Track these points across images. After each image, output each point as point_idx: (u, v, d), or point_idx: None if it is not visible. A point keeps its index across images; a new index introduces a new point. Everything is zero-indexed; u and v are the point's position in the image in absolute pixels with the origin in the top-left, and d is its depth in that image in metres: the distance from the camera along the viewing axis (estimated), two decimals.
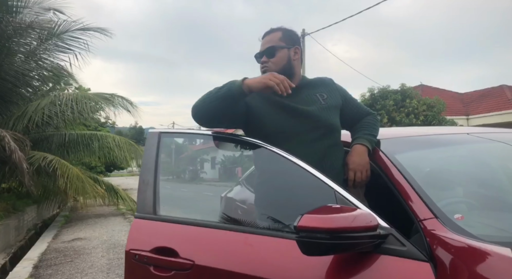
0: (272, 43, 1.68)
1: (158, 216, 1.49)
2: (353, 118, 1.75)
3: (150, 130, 1.70)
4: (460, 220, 1.23)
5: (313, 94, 1.68)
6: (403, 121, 11.35)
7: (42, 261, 5.17)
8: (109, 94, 9.33)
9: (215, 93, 1.50)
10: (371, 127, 1.68)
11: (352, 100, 1.79)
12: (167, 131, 1.72)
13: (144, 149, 1.66)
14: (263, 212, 1.49)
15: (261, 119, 1.60)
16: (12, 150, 6.06)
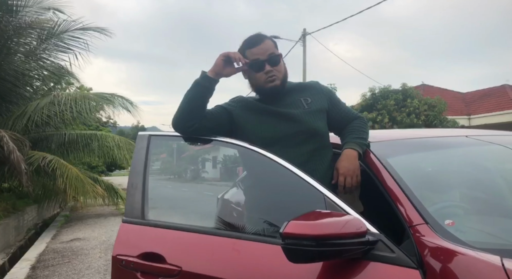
0: (271, 50, 1.62)
1: (146, 220, 1.46)
2: (341, 122, 1.71)
3: (140, 133, 1.68)
4: (450, 226, 1.20)
5: (297, 99, 1.66)
6: (404, 121, 11.31)
7: (39, 261, 5.16)
8: (109, 94, 9.33)
9: (187, 92, 1.54)
10: (360, 131, 1.65)
11: (339, 103, 1.75)
12: (157, 133, 1.69)
13: (133, 152, 1.64)
14: (252, 216, 1.47)
15: (245, 126, 1.60)
16: (10, 150, 6.06)
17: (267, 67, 1.60)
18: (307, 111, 1.62)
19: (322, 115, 1.66)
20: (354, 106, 12.96)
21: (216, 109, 1.63)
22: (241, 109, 1.64)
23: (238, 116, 1.62)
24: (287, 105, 1.63)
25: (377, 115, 11.59)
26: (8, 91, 8.00)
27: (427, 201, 1.34)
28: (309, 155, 1.57)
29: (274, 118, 1.60)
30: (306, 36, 13.79)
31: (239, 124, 1.62)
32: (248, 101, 1.67)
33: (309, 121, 1.60)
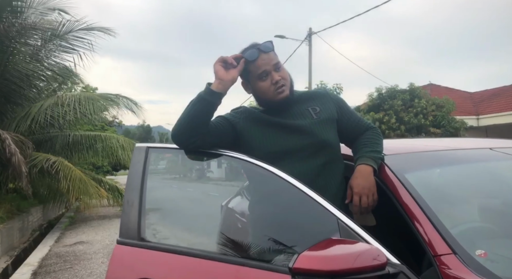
0: (276, 60, 1.52)
1: (143, 242, 1.34)
2: (352, 132, 1.58)
3: (137, 144, 1.56)
4: (483, 257, 1.07)
5: (304, 109, 1.54)
6: (412, 121, 11.11)
7: (41, 267, 5.09)
8: (114, 94, 9.28)
9: (187, 109, 1.43)
10: (374, 143, 1.51)
11: (350, 112, 1.62)
12: (155, 146, 1.57)
13: (130, 165, 1.52)
14: (257, 239, 1.35)
15: (250, 140, 1.49)
16: (12, 153, 6.00)
17: (276, 77, 1.48)
18: (316, 121, 1.50)
19: (332, 125, 1.54)
20: (360, 106, 12.78)
21: (219, 122, 1.51)
22: (246, 121, 1.52)
23: (243, 130, 1.51)
24: (295, 116, 1.51)
25: (384, 116, 11.39)
26: (13, 92, 7.95)
27: (451, 224, 1.22)
28: (320, 169, 1.45)
29: (281, 130, 1.48)
30: (312, 36, 13.63)
31: (244, 137, 1.50)
32: (252, 112, 1.55)
33: (319, 132, 1.48)
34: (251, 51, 1.49)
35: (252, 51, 1.48)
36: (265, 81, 1.49)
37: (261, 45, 1.50)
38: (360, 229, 1.13)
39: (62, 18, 8.56)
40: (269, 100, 1.52)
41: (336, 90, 12.90)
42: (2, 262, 5.87)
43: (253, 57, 1.48)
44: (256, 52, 1.48)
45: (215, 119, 1.52)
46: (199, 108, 1.41)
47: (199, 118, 1.41)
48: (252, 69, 1.50)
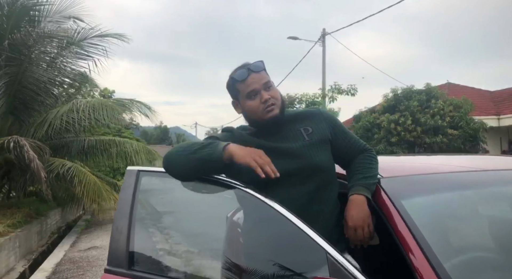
0: (266, 79, 1.49)
1: (131, 271, 1.32)
2: (346, 153, 1.53)
3: (128, 168, 1.55)
4: None
5: (296, 129, 1.50)
6: (428, 122, 10.82)
7: (55, 273, 5.19)
8: (128, 99, 9.45)
9: (194, 150, 1.37)
10: (367, 168, 1.46)
11: (344, 133, 1.57)
12: (147, 169, 1.55)
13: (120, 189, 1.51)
14: (249, 269, 1.32)
15: (240, 167, 1.44)
16: (31, 159, 6.15)
17: (265, 95, 1.46)
18: (308, 143, 1.46)
19: (325, 146, 1.49)
20: (375, 107, 12.56)
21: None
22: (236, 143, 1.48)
23: None
24: (285, 138, 1.48)
25: (399, 117, 11.15)
26: (31, 99, 8.17)
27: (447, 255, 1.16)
28: (312, 195, 1.41)
29: (271, 155, 1.43)
30: (325, 36, 13.49)
31: (233, 165, 1.46)
32: (241, 135, 1.52)
33: (310, 155, 1.44)
34: (240, 71, 1.48)
35: (242, 71, 1.47)
36: (254, 100, 1.47)
37: (251, 64, 1.49)
38: (349, 264, 1.09)
39: (77, 26, 8.78)
40: (259, 119, 1.49)
41: (351, 90, 12.73)
42: (20, 266, 6.02)
43: (242, 77, 1.47)
44: (245, 72, 1.47)
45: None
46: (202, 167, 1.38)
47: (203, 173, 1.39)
48: (241, 88, 1.48)
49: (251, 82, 1.46)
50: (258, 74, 1.47)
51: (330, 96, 12.81)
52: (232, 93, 1.54)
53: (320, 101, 12.79)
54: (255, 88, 1.46)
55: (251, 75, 1.46)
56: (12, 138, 6.43)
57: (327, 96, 12.89)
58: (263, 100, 1.46)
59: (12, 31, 7.38)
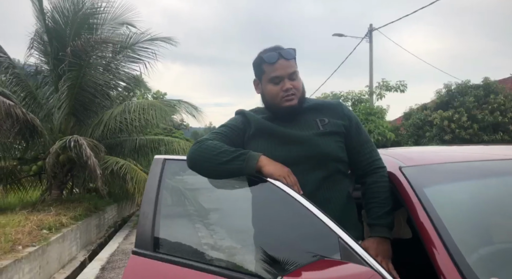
0: (293, 68, 1.50)
1: (156, 254, 1.40)
2: (356, 155, 1.50)
3: (156, 156, 1.64)
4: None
5: (312, 119, 1.50)
6: (486, 119, 10.10)
7: (109, 262, 5.57)
8: (176, 100, 9.87)
9: (224, 161, 1.37)
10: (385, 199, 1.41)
11: (359, 133, 1.52)
12: (172, 158, 1.64)
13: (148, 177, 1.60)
14: (261, 255, 1.34)
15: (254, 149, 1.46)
16: (88, 157, 6.64)
17: (287, 84, 1.47)
18: (321, 132, 1.46)
19: (338, 138, 1.48)
20: (427, 104, 11.94)
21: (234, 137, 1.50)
22: (253, 130, 1.51)
23: (249, 139, 1.51)
24: (300, 126, 1.48)
25: (453, 114, 10.51)
26: (89, 101, 8.80)
27: (470, 246, 1.11)
28: (320, 183, 1.41)
29: (283, 140, 1.45)
30: (372, 32, 13.07)
31: (249, 146, 1.49)
32: (255, 119, 1.53)
33: (321, 144, 1.44)
34: (271, 54, 1.48)
35: (272, 54, 1.48)
36: (276, 86, 1.48)
37: (283, 50, 1.50)
38: (361, 249, 1.09)
39: (129, 31, 9.32)
40: (276, 105, 1.51)
41: (400, 87, 12.21)
42: (81, 255, 6.53)
43: (272, 60, 1.47)
44: (276, 55, 1.48)
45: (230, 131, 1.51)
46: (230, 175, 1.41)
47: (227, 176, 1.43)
48: (267, 70, 1.50)
49: (278, 68, 1.47)
50: (287, 62, 1.48)
51: (378, 93, 12.38)
52: (257, 72, 1.55)
53: (367, 99, 12.41)
54: (280, 74, 1.47)
55: (280, 61, 1.47)
56: (73, 137, 7.00)
57: (375, 93, 12.47)
58: (285, 88, 1.47)
59: (73, 39, 8.01)
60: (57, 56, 8.23)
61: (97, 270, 5.19)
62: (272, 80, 1.49)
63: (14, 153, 8.87)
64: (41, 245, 4.88)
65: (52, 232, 5.63)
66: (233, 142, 1.48)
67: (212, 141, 1.44)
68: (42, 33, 8.75)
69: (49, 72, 9.11)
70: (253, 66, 1.58)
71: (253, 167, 1.35)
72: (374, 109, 11.79)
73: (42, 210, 6.66)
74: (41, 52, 9.01)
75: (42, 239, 5.10)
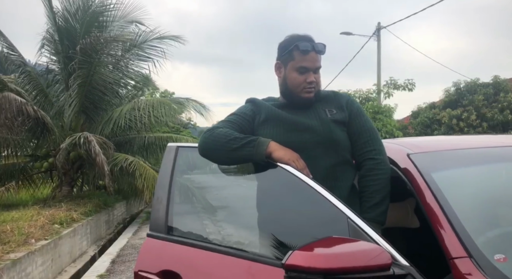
0: (320, 62, 1.54)
1: (169, 236, 1.46)
2: (355, 142, 1.52)
3: (169, 144, 1.69)
4: (501, 262, 0.99)
5: (321, 109, 1.54)
6: (496, 117, 10.02)
7: (119, 256, 5.65)
8: (184, 98, 9.93)
9: (234, 148, 1.40)
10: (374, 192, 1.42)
11: (361, 122, 1.54)
12: (185, 145, 1.68)
13: (161, 164, 1.65)
14: (266, 237, 1.38)
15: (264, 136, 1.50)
16: (96, 153, 6.72)
17: (312, 77, 1.51)
18: (329, 120, 1.50)
19: (344, 127, 1.53)
20: (436, 102, 11.87)
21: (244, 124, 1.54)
22: (263, 117, 1.55)
23: (259, 125, 1.55)
24: (310, 115, 1.52)
25: (462, 112, 10.44)
26: (99, 99, 8.89)
27: (478, 227, 1.13)
28: (329, 170, 1.45)
29: (293, 127, 1.49)
30: (380, 30, 13.01)
31: (258, 132, 1.53)
32: (266, 106, 1.57)
33: (329, 131, 1.48)
34: (306, 44, 1.50)
35: (307, 44, 1.50)
36: (301, 76, 1.51)
37: (316, 44, 1.53)
38: (369, 229, 1.12)
39: (138, 29, 9.40)
40: (294, 94, 1.54)
41: (408, 86, 12.15)
42: (91, 250, 6.63)
43: (305, 49, 1.50)
44: (310, 46, 1.50)
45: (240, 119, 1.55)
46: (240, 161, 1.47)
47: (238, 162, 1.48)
48: (297, 58, 1.51)
49: (309, 59, 1.50)
50: (317, 55, 1.52)
51: (386, 91, 12.33)
52: (284, 56, 1.55)
53: (375, 97, 12.37)
54: (309, 66, 1.50)
55: (312, 53, 1.50)
56: (83, 134, 7.09)
57: (382, 91, 12.42)
58: (309, 80, 1.50)
59: (83, 37, 8.10)
60: (68, 55, 8.33)
61: (108, 263, 5.28)
62: (300, 69, 1.51)
63: (26, 150, 9.00)
64: (53, 239, 4.97)
65: (63, 226, 5.73)
66: (243, 130, 1.51)
67: (223, 129, 1.48)
68: (53, 32, 8.87)
69: (60, 71, 9.22)
70: (281, 49, 1.57)
71: (263, 153, 1.38)
72: (381, 108, 11.75)
73: (53, 205, 6.77)
74: (52, 51, 9.13)
75: (54, 233, 5.20)
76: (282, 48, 1.57)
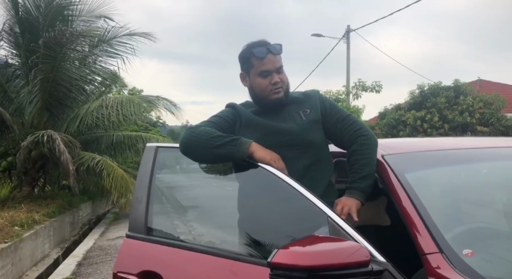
0: (280, 63, 1.57)
1: (149, 236, 1.44)
2: (339, 133, 1.56)
3: (148, 144, 1.67)
4: (469, 256, 1.06)
5: (294, 112, 1.57)
6: (456, 119, 10.56)
7: (86, 258, 5.47)
8: (154, 96, 9.72)
9: (216, 146, 1.42)
10: (363, 165, 1.47)
11: (336, 113, 1.59)
12: (165, 145, 1.67)
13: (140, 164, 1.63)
14: (248, 236, 1.40)
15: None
16: (61, 152, 6.47)
17: (276, 78, 1.53)
18: (304, 122, 1.54)
19: (318, 126, 1.56)
20: (401, 104, 12.34)
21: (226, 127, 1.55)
22: (242, 121, 1.58)
23: (238, 130, 1.57)
24: (284, 118, 1.56)
25: (426, 114, 10.93)
26: (64, 96, 8.54)
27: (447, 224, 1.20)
28: (305, 170, 1.49)
29: (269, 131, 1.53)
30: (350, 33, 13.35)
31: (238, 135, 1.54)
32: (245, 113, 1.60)
33: (305, 132, 1.52)
34: (260, 49, 1.54)
35: (262, 50, 1.53)
36: (265, 79, 1.54)
37: (271, 46, 1.56)
38: (348, 227, 1.16)
39: (107, 25, 9.11)
40: (264, 98, 1.57)
41: (375, 87, 12.56)
42: (54, 253, 6.37)
43: (261, 55, 1.53)
44: (265, 51, 1.53)
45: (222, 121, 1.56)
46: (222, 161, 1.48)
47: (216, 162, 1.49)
48: (256, 64, 1.55)
49: (267, 62, 1.53)
50: (275, 56, 1.54)
51: (354, 93, 12.68)
52: (245, 65, 1.59)
53: (344, 98, 12.70)
54: (269, 69, 1.53)
55: (269, 55, 1.53)
56: (46, 132, 6.79)
57: (351, 93, 12.77)
58: (273, 81, 1.53)
59: (47, 30, 7.76)
60: (30, 48, 7.94)
61: (74, 266, 5.09)
62: (261, 74, 1.54)
63: None
64: (13, 242, 4.74)
65: (24, 229, 5.48)
66: (224, 131, 1.52)
67: (205, 127, 1.49)
68: (13, 24, 8.43)
69: (20, 65, 8.79)
70: (241, 59, 1.62)
71: (245, 152, 1.40)
72: (350, 109, 12.08)
73: (12, 207, 6.45)
74: (11, 44, 8.68)
75: (14, 235, 4.96)
76: (242, 59, 1.61)
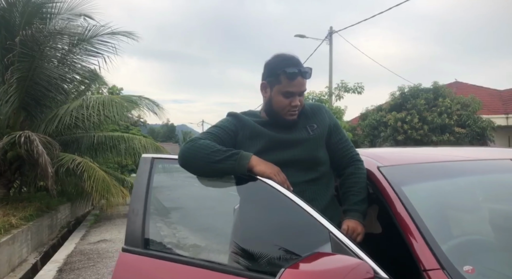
0: (305, 87, 1.55)
1: (146, 250, 1.41)
2: (336, 155, 1.60)
3: (143, 155, 1.63)
4: (470, 273, 1.08)
5: (302, 126, 1.58)
6: (435, 121, 10.80)
7: (67, 264, 5.32)
8: (137, 96, 9.57)
9: (216, 160, 1.39)
10: (360, 189, 1.53)
11: (340, 135, 1.63)
12: (161, 156, 1.64)
13: (136, 175, 1.60)
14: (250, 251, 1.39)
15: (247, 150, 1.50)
16: (39, 154, 6.27)
17: (296, 102, 1.52)
18: (311, 137, 1.55)
19: (323, 142, 1.58)
20: (382, 105, 12.56)
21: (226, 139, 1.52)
22: (244, 132, 1.55)
23: (241, 141, 1.55)
24: (292, 132, 1.55)
25: (406, 115, 11.14)
26: (42, 95, 8.29)
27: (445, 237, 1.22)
28: (307, 185, 1.49)
29: (276, 144, 1.52)
30: (332, 35, 13.49)
31: (242, 148, 1.52)
32: (250, 123, 1.57)
33: (312, 148, 1.53)
34: (294, 70, 1.50)
35: (294, 71, 1.49)
36: (287, 99, 1.52)
37: (303, 69, 1.52)
38: (350, 243, 1.16)
39: (87, 24, 8.89)
40: (279, 115, 1.56)
41: (357, 89, 12.73)
42: (32, 258, 6.17)
43: (292, 76, 1.49)
44: (297, 73, 1.50)
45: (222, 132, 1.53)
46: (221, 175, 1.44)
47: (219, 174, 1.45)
48: (284, 82, 1.51)
49: (295, 85, 1.51)
50: (303, 80, 1.53)
51: (337, 94, 12.82)
52: (271, 78, 1.54)
53: (326, 99, 12.81)
54: (295, 91, 1.51)
55: (298, 78, 1.50)
56: (24, 133, 6.56)
57: (334, 94, 12.91)
58: (294, 104, 1.52)
59: (24, 28, 7.50)
60: (5, 46, 7.66)
61: (54, 272, 4.94)
62: (285, 94, 1.52)
63: None
64: None
65: (1, 233, 5.29)
66: (224, 143, 1.49)
67: (205, 141, 1.45)
68: None
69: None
70: (268, 71, 1.57)
71: (245, 166, 1.38)
72: (333, 110, 12.21)
73: None
74: None
75: None
76: (270, 71, 1.56)
